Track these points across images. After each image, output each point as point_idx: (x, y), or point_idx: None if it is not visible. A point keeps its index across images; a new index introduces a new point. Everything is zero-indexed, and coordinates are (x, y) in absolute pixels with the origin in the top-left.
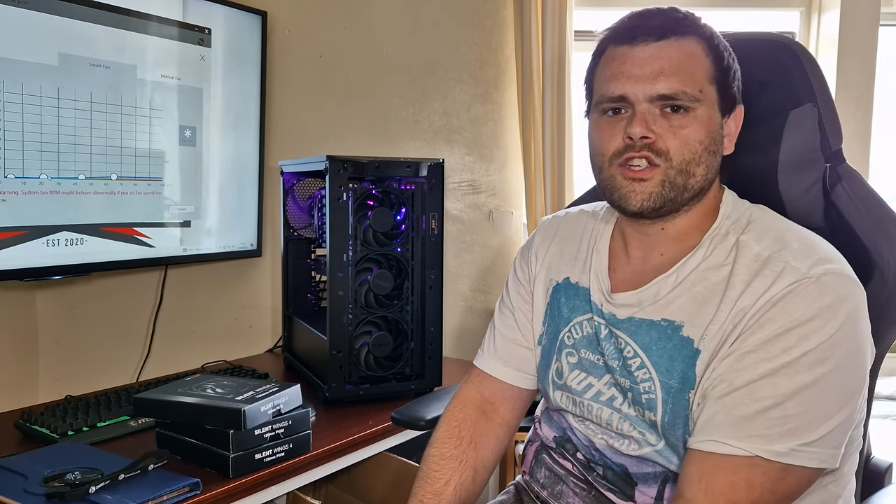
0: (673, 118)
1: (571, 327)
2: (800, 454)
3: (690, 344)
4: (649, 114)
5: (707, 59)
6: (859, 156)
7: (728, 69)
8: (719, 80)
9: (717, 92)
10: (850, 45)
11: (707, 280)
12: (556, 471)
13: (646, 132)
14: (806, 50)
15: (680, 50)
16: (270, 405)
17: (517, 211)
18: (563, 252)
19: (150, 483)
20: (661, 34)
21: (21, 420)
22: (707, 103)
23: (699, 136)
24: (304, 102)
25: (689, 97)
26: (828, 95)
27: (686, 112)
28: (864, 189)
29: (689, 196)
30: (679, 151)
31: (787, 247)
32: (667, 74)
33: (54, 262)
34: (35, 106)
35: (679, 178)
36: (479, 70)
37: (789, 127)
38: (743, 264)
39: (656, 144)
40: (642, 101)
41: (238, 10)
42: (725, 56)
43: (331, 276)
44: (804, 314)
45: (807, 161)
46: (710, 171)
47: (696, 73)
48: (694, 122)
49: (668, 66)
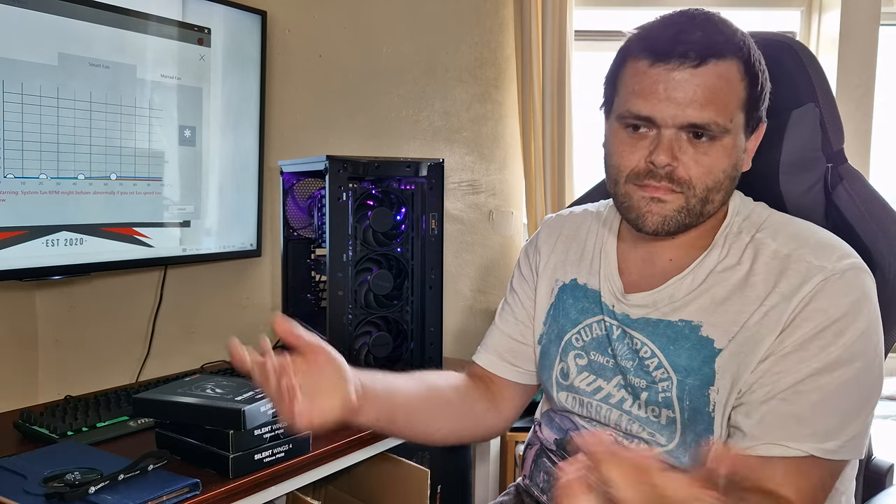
0: (698, 145)
1: (581, 329)
2: (845, 448)
3: (710, 343)
4: (676, 140)
5: (742, 83)
6: (860, 156)
7: (761, 91)
8: (749, 105)
9: (745, 116)
10: (850, 44)
11: (726, 281)
12: (556, 474)
13: (670, 160)
14: (807, 49)
15: (718, 76)
16: (270, 405)
17: (517, 211)
18: (568, 252)
19: (150, 483)
20: (702, 58)
21: (20, 420)
22: (735, 131)
23: (723, 165)
24: (304, 102)
25: (720, 128)
26: (829, 95)
27: (712, 140)
28: (866, 189)
29: (705, 219)
30: (701, 180)
31: (805, 244)
32: (700, 103)
33: (54, 262)
34: (34, 106)
35: (698, 206)
36: (479, 70)
37: (791, 127)
38: (762, 262)
39: (677, 172)
40: (670, 127)
41: (238, 10)
42: (760, 77)
43: (331, 276)
44: (837, 311)
45: (808, 161)
46: (728, 194)
47: (730, 102)
48: (720, 151)
49: (703, 94)
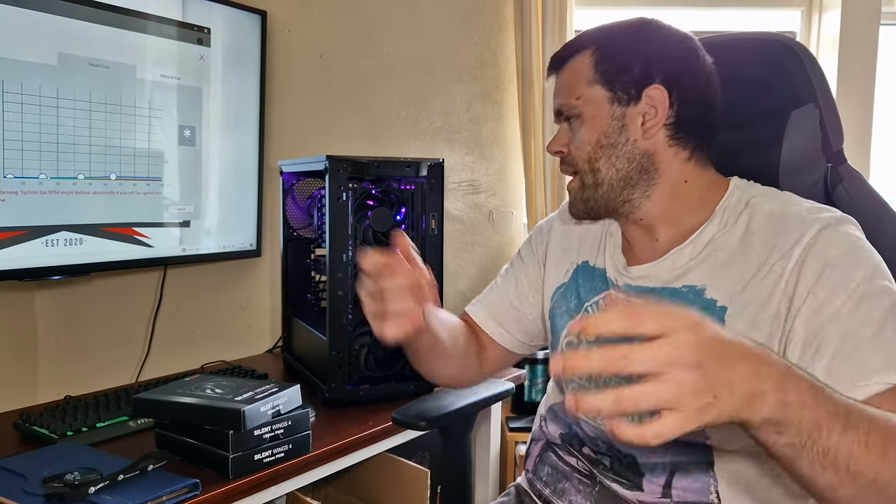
0: (571, 128)
1: (588, 307)
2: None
3: (713, 304)
4: (562, 130)
5: (589, 63)
6: (860, 156)
7: (616, 61)
8: (606, 76)
9: (607, 87)
10: (850, 44)
11: (726, 244)
12: (561, 468)
13: (558, 147)
14: (807, 50)
15: (568, 70)
16: (270, 406)
17: (517, 211)
18: (585, 234)
19: (150, 484)
20: (557, 67)
21: (20, 420)
22: (593, 103)
23: (588, 136)
24: (303, 102)
25: (570, 106)
26: (829, 96)
27: (577, 118)
28: (865, 189)
29: (608, 188)
30: (578, 155)
31: (797, 204)
32: (557, 95)
33: (53, 262)
34: (34, 106)
35: (591, 177)
36: (479, 70)
37: (790, 127)
38: (758, 222)
39: (566, 156)
40: (558, 123)
41: (238, 10)
42: (616, 52)
43: (331, 277)
44: (840, 250)
45: (808, 161)
46: (620, 160)
47: (577, 84)
48: (581, 125)
49: (559, 88)
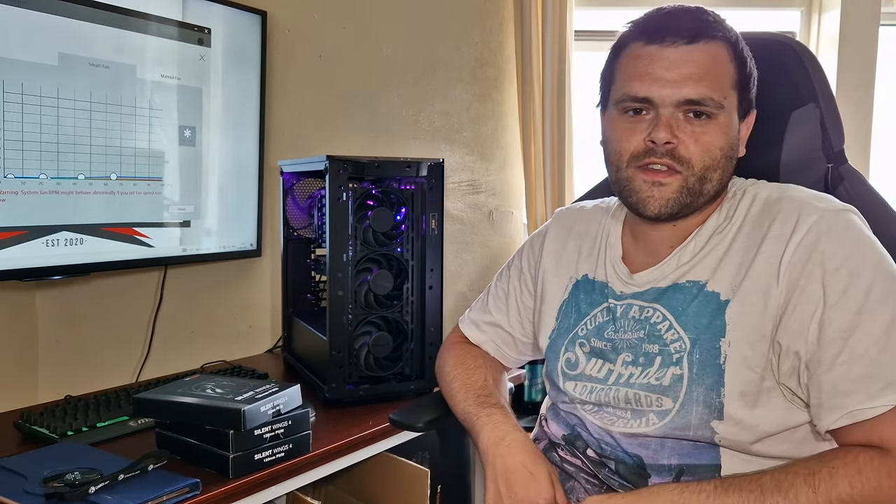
0: (696, 123)
1: (587, 320)
2: None
3: (717, 297)
4: (674, 119)
5: (731, 64)
6: (860, 156)
7: (749, 75)
8: (740, 86)
9: (738, 98)
10: (850, 44)
11: (725, 236)
12: (566, 468)
13: (670, 137)
14: (808, 50)
15: (708, 54)
16: (270, 405)
17: (517, 211)
18: (581, 248)
19: (150, 483)
20: (692, 37)
21: (20, 420)
22: (728, 109)
23: (720, 142)
24: (303, 102)
25: (715, 104)
26: (830, 96)
27: (709, 118)
28: (866, 190)
29: (705, 201)
30: (700, 158)
31: (794, 190)
32: (695, 80)
33: (54, 262)
34: (35, 106)
35: (697, 185)
36: (479, 70)
37: (791, 127)
38: (755, 209)
39: (678, 150)
40: (668, 105)
41: (238, 10)
42: (748, 61)
43: (331, 276)
44: (841, 245)
45: (809, 161)
46: (726, 176)
47: (722, 79)
48: (716, 129)
49: (697, 70)
